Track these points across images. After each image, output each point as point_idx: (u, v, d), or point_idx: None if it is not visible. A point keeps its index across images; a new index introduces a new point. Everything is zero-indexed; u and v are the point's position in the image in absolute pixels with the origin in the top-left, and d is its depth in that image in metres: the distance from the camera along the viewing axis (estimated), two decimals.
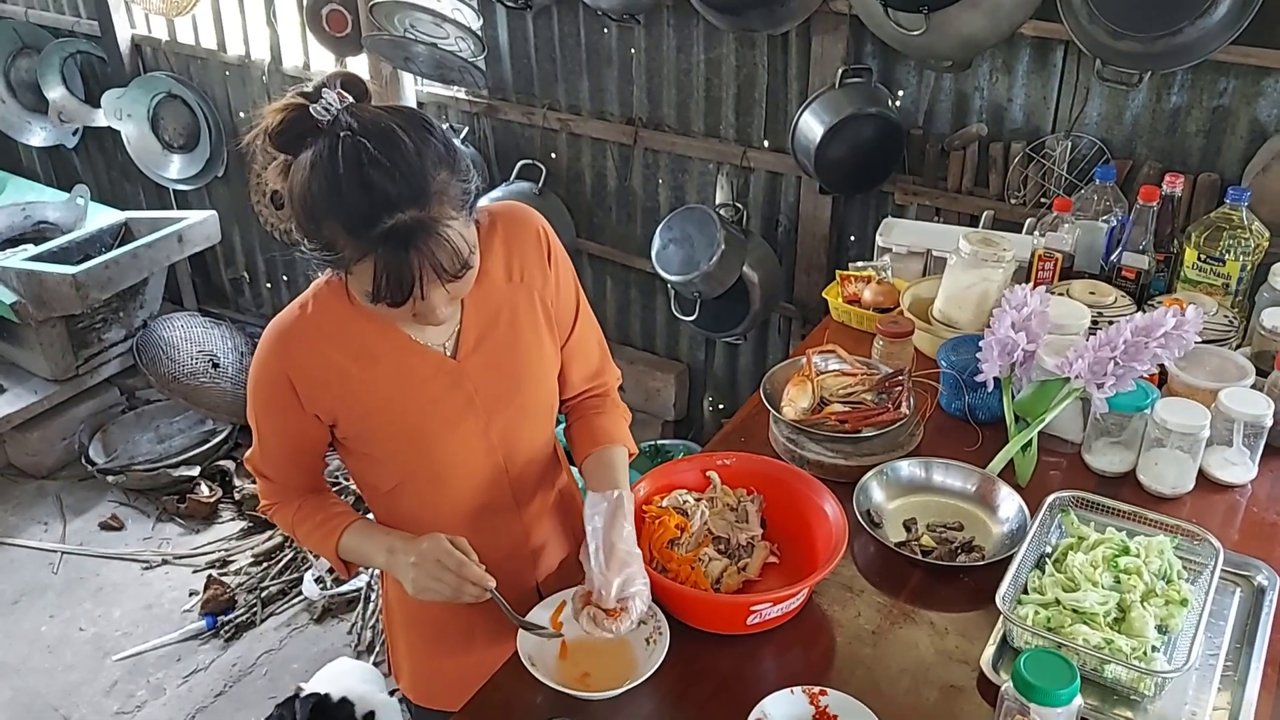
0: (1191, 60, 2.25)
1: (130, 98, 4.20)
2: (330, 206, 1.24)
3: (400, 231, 1.24)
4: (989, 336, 1.83)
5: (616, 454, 1.62)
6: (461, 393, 1.51)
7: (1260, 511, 1.77)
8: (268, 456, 1.57)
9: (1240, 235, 2.09)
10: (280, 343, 1.46)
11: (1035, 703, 1.24)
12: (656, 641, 1.45)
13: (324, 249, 1.28)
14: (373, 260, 1.25)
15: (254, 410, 1.52)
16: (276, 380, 1.46)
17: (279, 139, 1.30)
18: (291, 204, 1.29)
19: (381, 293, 1.27)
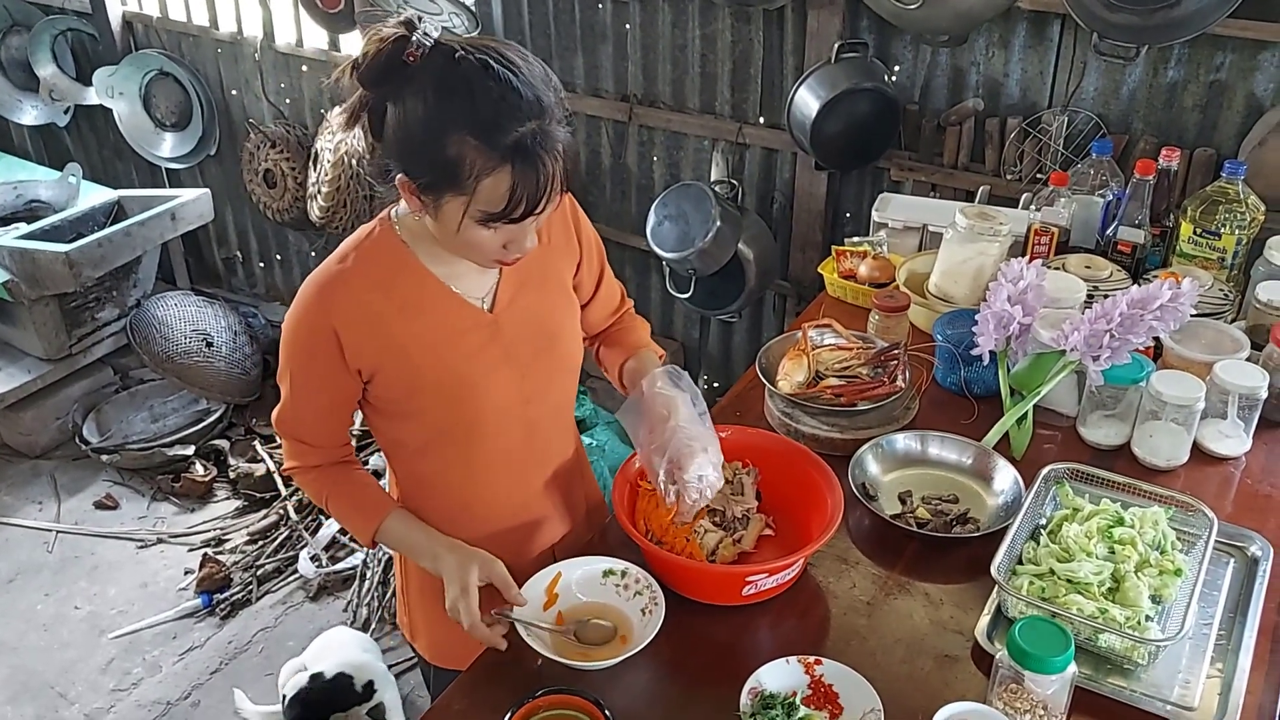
0: (1188, 34, 2.24)
1: (122, 75, 4.18)
2: (462, 119, 1.26)
3: (530, 140, 1.27)
4: (984, 310, 1.83)
5: (647, 356, 1.72)
6: (499, 346, 1.54)
7: (1254, 483, 1.78)
8: (300, 416, 1.55)
9: (1236, 209, 2.09)
10: (324, 295, 1.45)
11: (1030, 670, 1.25)
12: (652, 611, 1.45)
13: (444, 171, 1.29)
14: (506, 171, 1.27)
15: (290, 366, 1.51)
16: (319, 333, 1.45)
17: (373, 73, 1.29)
18: (401, 133, 1.30)
19: (516, 202, 1.29)
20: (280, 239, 4.43)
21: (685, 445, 1.49)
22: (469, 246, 1.39)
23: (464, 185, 1.29)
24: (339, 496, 1.59)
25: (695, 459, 1.48)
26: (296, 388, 1.53)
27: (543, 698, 1.30)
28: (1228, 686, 1.39)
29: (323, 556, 3.30)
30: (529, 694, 1.30)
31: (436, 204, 1.34)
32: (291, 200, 3.93)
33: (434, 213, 1.36)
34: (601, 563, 1.54)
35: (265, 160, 3.93)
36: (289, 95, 4.02)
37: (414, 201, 1.37)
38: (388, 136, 1.33)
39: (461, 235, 1.36)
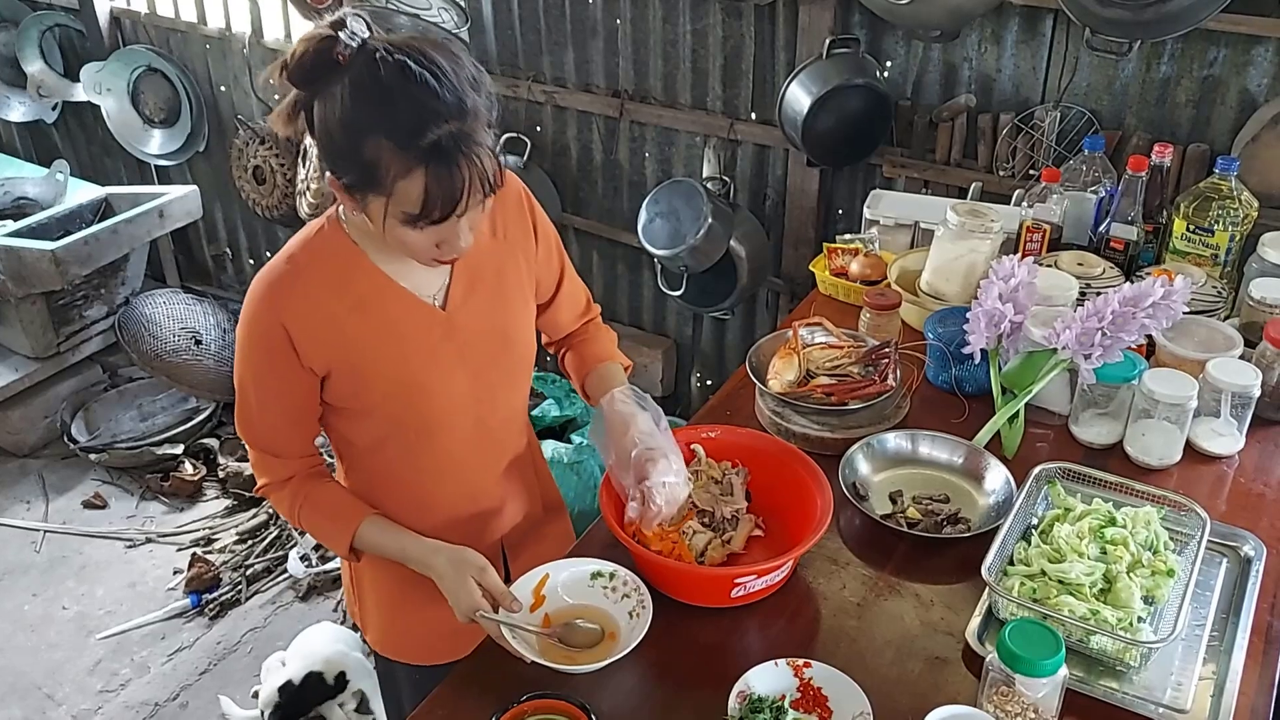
0: (1181, 28, 2.23)
1: (110, 71, 4.15)
2: (376, 122, 1.25)
3: (446, 142, 1.26)
4: (976, 308, 1.81)
5: (611, 369, 1.70)
6: (453, 344, 1.53)
7: (1247, 482, 1.77)
8: (264, 421, 1.53)
9: (1229, 205, 2.08)
10: (273, 294, 1.44)
11: (1020, 673, 1.24)
12: (640, 615, 1.43)
13: (363, 172, 1.28)
14: (421, 173, 1.26)
15: (247, 370, 1.49)
16: (271, 333, 1.44)
17: (302, 72, 1.29)
18: (324, 132, 1.30)
19: (431, 205, 1.28)
20: (270, 236, 4.40)
21: (645, 454, 1.50)
22: (402, 245, 1.38)
23: (382, 186, 1.29)
24: (311, 509, 1.57)
25: (657, 466, 1.49)
26: (258, 392, 1.51)
27: (528, 702, 1.28)
28: (1220, 688, 1.38)
29: (312, 556, 3.28)
30: (514, 699, 1.28)
31: (363, 203, 1.34)
32: (281, 197, 3.91)
33: (363, 210, 1.35)
34: (590, 565, 1.52)
35: (254, 157, 3.91)
36: (278, 91, 3.98)
37: (344, 198, 1.36)
38: (317, 135, 1.32)
39: (390, 235, 1.35)
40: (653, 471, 1.49)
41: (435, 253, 1.38)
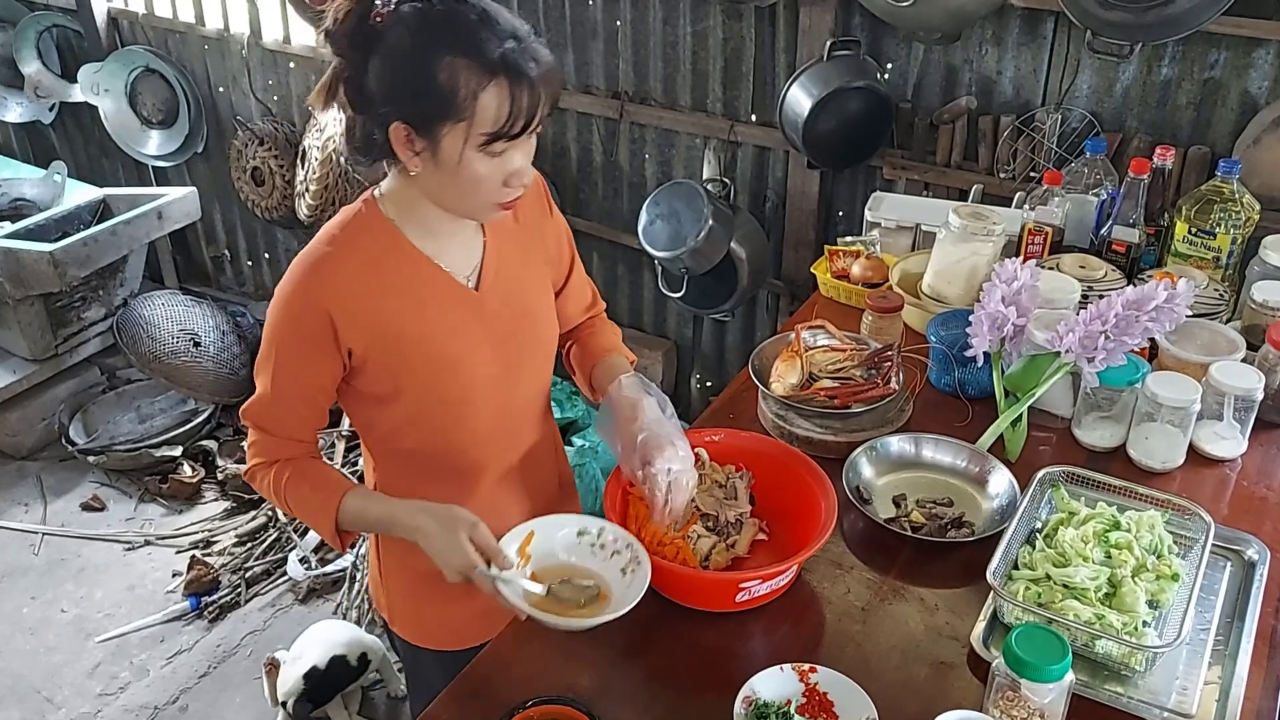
0: (1182, 31, 2.23)
1: (107, 72, 4.14)
2: (446, 43, 1.29)
3: (515, 54, 1.31)
4: (979, 311, 1.81)
5: (617, 360, 1.71)
6: (483, 324, 1.55)
7: (1250, 485, 1.77)
8: (277, 403, 1.51)
9: (1231, 208, 2.08)
10: (315, 275, 1.44)
11: (1026, 679, 1.24)
12: (634, 571, 1.40)
13: (439, 99, 1.30)
14: (498, 84, 1.30)
15: (277, 348, 1.48)
16: (309, 314, 1.44)
17: (345, 36, 1.32)
18: (388, 77, 1.32)
19: (514, 116, 1.32)
20: (269, 237, 4.40)
21: (651, 439, 1.50)
22: (472, 186, 1.39)
23: (461, 109, 1.31)
24: (295, 482, 1.54)
25: (663, 452, 1.49)
26: (280, 371, 1.49)
27: (533, 708, 1.28)
28: (1226, 692, 1.38)
29: (312, 559, 3.28)
30: (519, 704, 1.28)
31: (435, 143, 1.35)
32: (280, 198, 3.90)
33: (433, 153, 1.36)
34: (576, 521, 1.50)
35: (253, 158, 3.90)
36: (276, 92, 3.99)
37: (409, 152, 1.37)
38: (374, 90, 1.34)
39: (463, 172, 1.36)
40: (658, 458, 1.48)
41: (504, 192, 1.41)
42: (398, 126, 1.35)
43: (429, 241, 1.50)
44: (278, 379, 1.50)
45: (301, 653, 2.69)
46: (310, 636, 2.74)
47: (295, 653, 2.70)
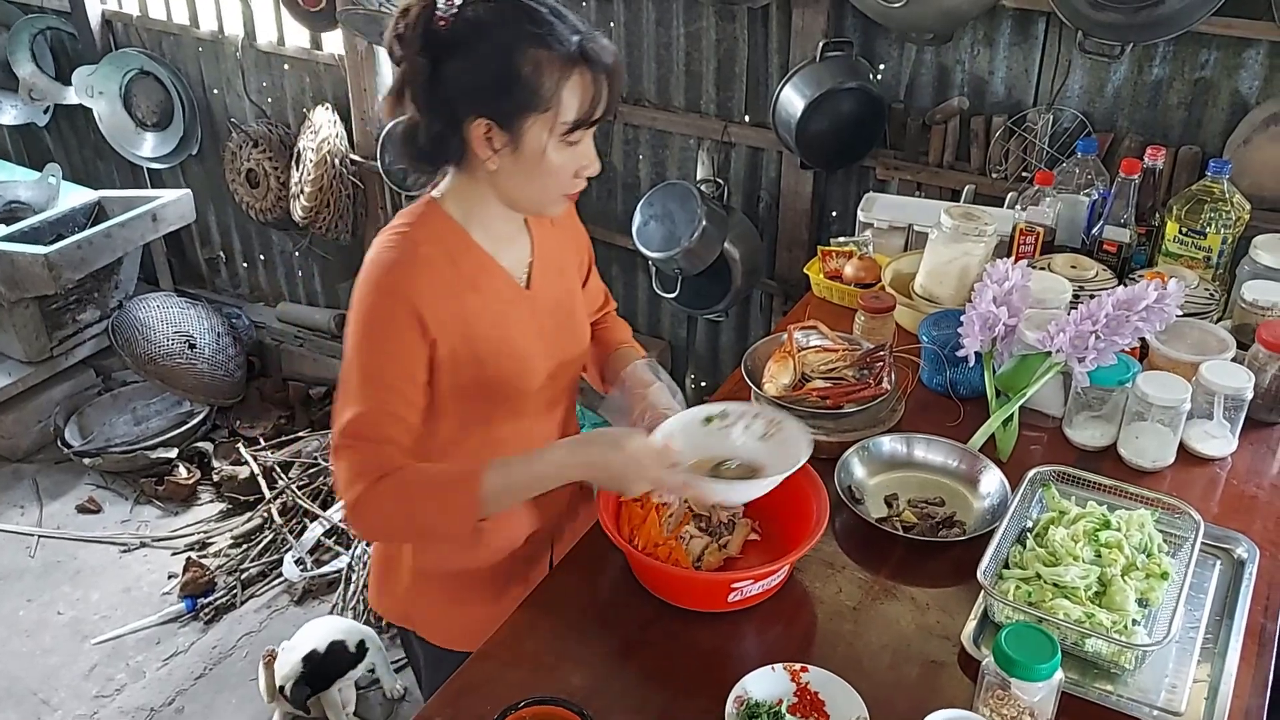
0: (1173, 31, 2.24)
1: (102, 75, 4.14)
2: (527, 36, 1.34)
3: (590, 44, 1.37)
4: (970, 311, 1.82)
5: (628, 352, 1.78)
6: (535, 321, 1.59)
7: (1240, 484, 1.78)
8: (384, 408, 1.43)
9: (1221, 208, 2.09)
10: (400, 273, 1.44)
11: (1016, 677, 1.24)
12: (779, 431, 1.53)
13: (524, 92, 1.35)
14: (580, 73, 1.37)
15: (373, 353, 1.43)
16: (403, 310, 1.43)
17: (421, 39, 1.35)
18: (469, 75, 1.36)
19: (595, 103, 1.39)
20: (264, 239, 4.40)
21: (658, 415, 1.57)
22: (550, 177, 1.44)
23: (546, 100, 1.36)
24: (421, 486, 1.44)
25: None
26: (374, 376, 1.43)
27: (526, 708, 1.28)
28: (1214, 690, 1.39)
29: (307, 560, 3.28)
30: (512, 705, 1.28)
31: (518, 136, 1.39)
32: (274, 200, 3.90)
33: (515, 147, 1.40)
34: (699, 412, 1.58)
35: (248, 160, 3.91)
36: (271, 94, 3.99)
37: (488, 149, 1.40)
38: (451, 90, 1.37)
39: (544, 164, 1.41)
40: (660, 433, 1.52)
41: (574, 183, 1.47)
42: (478, 123, 1.38)
43: (489, 241, 1.54)
44: (372, 386, 1.43)
45: (300, 641, 2.70)
46: (309, 627, 2.75)
47: (294, 643, 2.71)
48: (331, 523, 3.36)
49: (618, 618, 1.52)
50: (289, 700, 2.62)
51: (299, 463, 3.63)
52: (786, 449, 1.50)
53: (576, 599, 1.56)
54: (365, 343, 1.45)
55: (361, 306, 1.45)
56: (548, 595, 1.57)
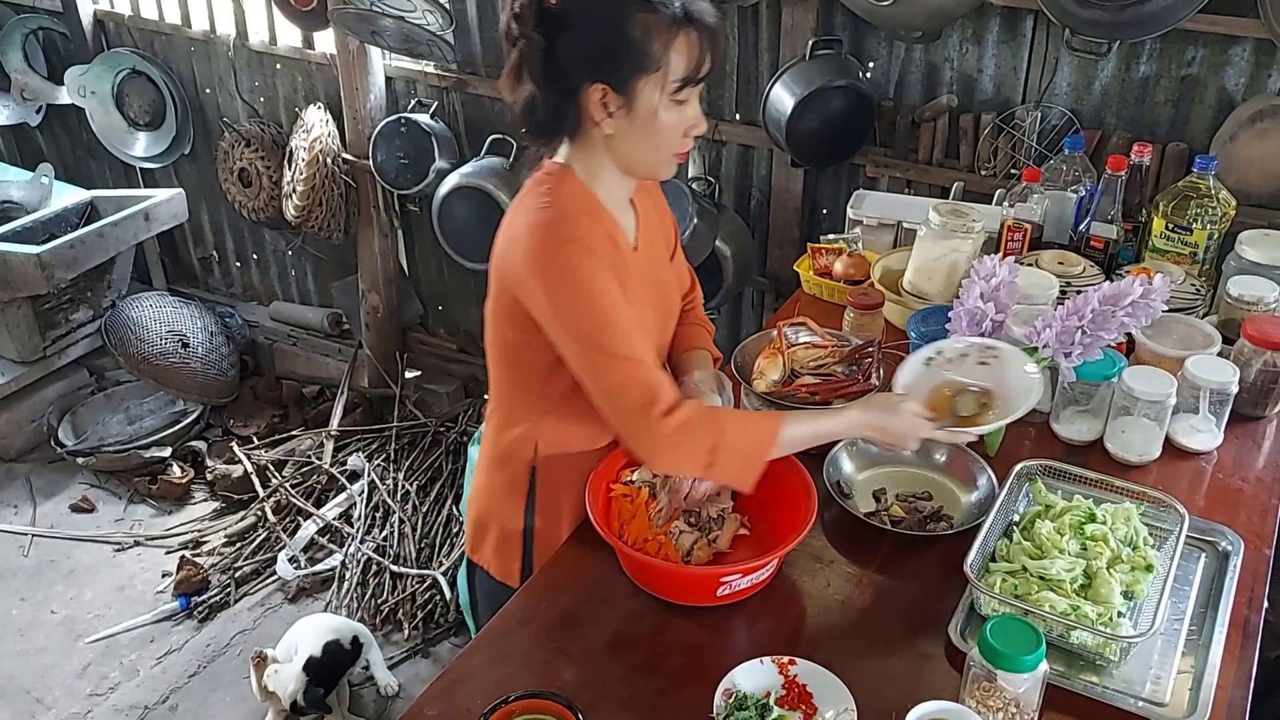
0: (1159, 29, 2.26)
1: (94, 74, 4.14)
2: (637, 3, 1.43)
3: (693, 6, 1.46)
4: (958, 307, 1.83)
5: (699, 355, 1.83)
6: (643, 281, 1.63)
7: (1225, 478, 1.79)
8: (644, 353, 1.52)
9: (1207, 204, 2.10)
10: (573, 225, 1.50)
11: (1001, 669, 1.25)
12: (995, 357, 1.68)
13: (635, 55, 1.44)
14: (686, 33, 1.45)
15: (603, 303, 1.48)
16: (593, 258, 1.49)
17: (536, 15, 1.43)
18: (582, 44, 1.45)
19: (702, 60, 1.47)
20: (257, 238, 4.40)
21: None
22: (662, 137, 1.51)
23: (656, 60, 1.45)
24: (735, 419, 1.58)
25: None
26: (622, 323, 1.49)
27: (516, 702, 1.29)
28: (1198, 682, 1.40)
29: (301, 558, 3.29)
30: (502, 699, 1.29)
31: (631, 98, 1.47)
32: (267, 199, 3.91)
33: (629, 109, 1.48)
34: (917, 357, 1.71)
35: (240, 159, 3.91)
36: (263, 94, 3.99)
37: (604, 113, 1.48)
38: (566, 60, 1.46)
39: (655, 124, 1.49)
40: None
41: (683, 142, 1.54)
42: (594, 89, 1.46)
43: (612, 205, 1.60)
44: (631, 331, 1.50)
45: (292, 650, 2.70)
46: (296, 632, 2.75)
47: (284, 652, 2.72)
48: (325, 521, 3.37)
49: (607, 612, 1.53)
50: (304, 706, 2.61)
51: (292, 461, 3.64)
52: (1009, 370, 1.66)
53: (566, 594, 1.57)
54: (597, 292, 1.48)
55: (559, 266, 1.48)
56: (538, 590, 1.59)
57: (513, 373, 1.67)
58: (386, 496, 3.44)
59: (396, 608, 3.09)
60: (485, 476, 1.78)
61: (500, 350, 1.66)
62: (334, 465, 3.61)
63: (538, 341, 1.54)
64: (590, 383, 1.51)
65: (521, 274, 1.50)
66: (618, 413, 1.51)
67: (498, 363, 1.68)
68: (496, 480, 1.74)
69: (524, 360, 1.62)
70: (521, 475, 1.70)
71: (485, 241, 3.63)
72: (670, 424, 1.47)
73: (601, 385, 1.51)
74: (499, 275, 1.58)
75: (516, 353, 1.63)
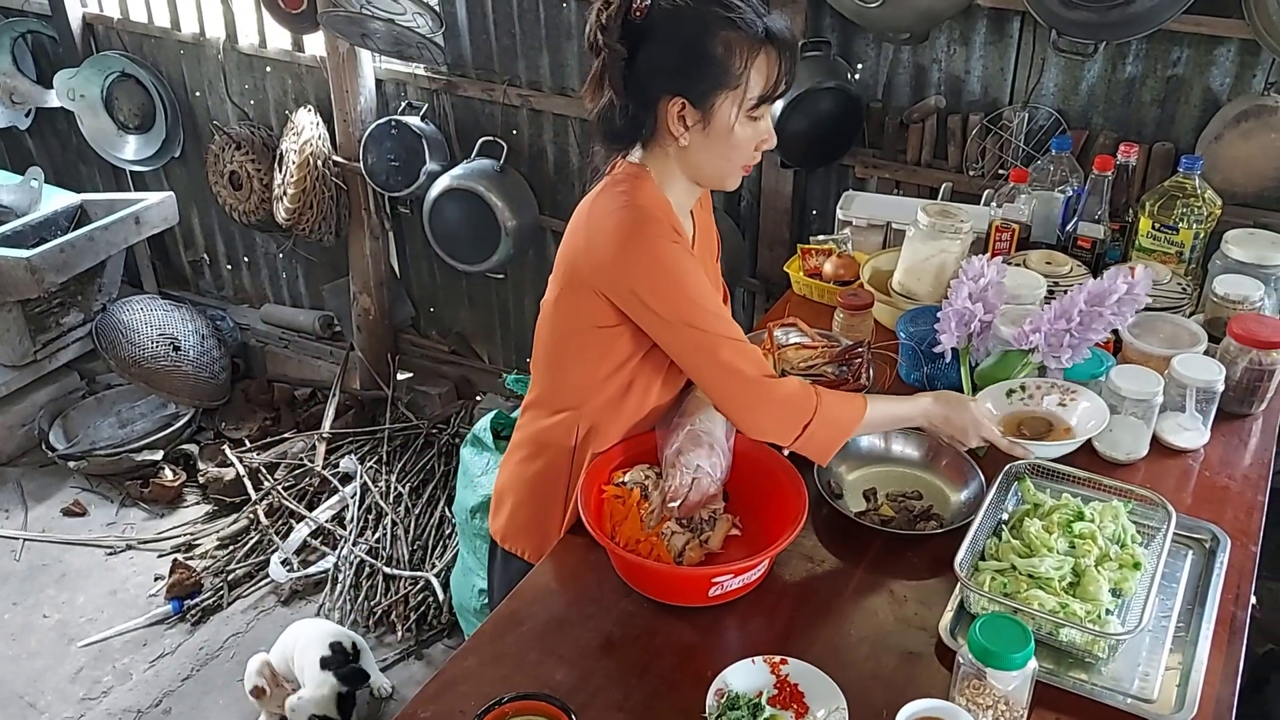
0: (1145, 29, 2.27)
1: (83, 78, 4.13)
2: (719, 19, 1.47)
3: (774, 24, 1.50)
4: (946, 307, 1.84)
5: None
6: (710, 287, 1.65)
7: (1212, 475, 1.81)
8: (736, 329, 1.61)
9: (1193, 204, 2.12)
10: (653, 217, 1.55)
11: (991, 667, 1.27)
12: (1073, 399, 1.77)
13: (717, 70, 1.48)
14: (767, 52, 1.49)
15: (696, 283, 1.55)
16: (676, 246, 1.55)
17: (620, 28, 1.48)
18: (666, 57, 1.49)
19: (781, 79, 1.52)
20: (248, 241, 4.40)
21: (700, 436, 1.63)
22: (735, 150, 1.56)
23: (736, 78, 1.49)
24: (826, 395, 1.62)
25: (700, 450, 1.61)
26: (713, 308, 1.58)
27: (509, 704, 1.30)
28: (1186, 678, 1.41)
29: (294, 561, 3.29)
30: (495, 700, 1.30)
31: (709, 113, 1.52)
32: (258, 202, 3.91)
33: (706, 123, 1.53)
34: (1002, 386, 1.80)
35: (230, 162, 3.91)
36: (253, 96, 3.99)
37: (681, 126, 1.53)
38: (647, 73, 1.50)
39: (732, 137, 1.53)
40: (694, 451, 1.61)
41: (753, 156, 1.59)
42: (673, 102, 1.51)
43: (678, 211, 1.63)
44: (719, 309, 1.58)
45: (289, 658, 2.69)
46: (291, 639, 2.74)
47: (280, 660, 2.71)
48: (317, 523, 3.38)
49: (600, 613, 1.54)
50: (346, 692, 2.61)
51: (284, 464, 3.64)
52: (1085, 411, 1.75)
53: (559, 595, 1.58)
54: (688, 283, 1.55)
55: (653, 255, 1.53)
56: (530, 592, 1.59)
57: (567, 361, 1.70)
58: (379, 498, 3.44)
59: (390, 609, 3.10)
60: (521, 466, 1.80)
61: (558, 338, 1.69)
62: (326, 468, 3.61)
63: (599, 331, 1.61)
64: (692, 359, 1.59)
65: (615, 267, 1.55)
66: (723, 384, 1.59)
67: (552, 352, 1.71)
68: (534, 467, 1.77)
69: (581, 348, 1.66)
70: (562, 460, 1.73)
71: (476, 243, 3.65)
72: (775, 394, 1.58)
73: (704, 360, 1.58)
74: (574, 267, 1.61)
75: (573, 340, 1.66)
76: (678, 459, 1.62)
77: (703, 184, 1.66)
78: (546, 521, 1.77)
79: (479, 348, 4.03)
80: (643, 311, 1.56)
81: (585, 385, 1.69)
